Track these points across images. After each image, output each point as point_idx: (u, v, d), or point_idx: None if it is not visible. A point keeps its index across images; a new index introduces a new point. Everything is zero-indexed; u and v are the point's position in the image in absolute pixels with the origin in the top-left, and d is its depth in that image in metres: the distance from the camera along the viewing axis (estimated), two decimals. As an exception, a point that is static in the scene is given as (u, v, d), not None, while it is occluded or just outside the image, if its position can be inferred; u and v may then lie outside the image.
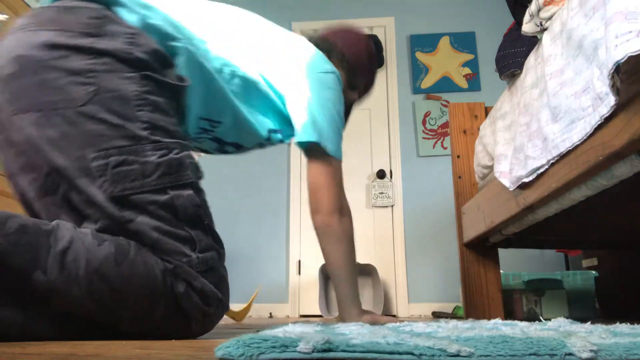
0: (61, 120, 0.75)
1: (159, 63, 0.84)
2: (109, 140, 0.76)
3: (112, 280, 0.71)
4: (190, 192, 0.81)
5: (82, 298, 0.69)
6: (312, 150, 1.10)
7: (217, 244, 0.84)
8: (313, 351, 0.40)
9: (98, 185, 0.75)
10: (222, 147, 1.13)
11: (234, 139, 1.11)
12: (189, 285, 0.77)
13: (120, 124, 0.76)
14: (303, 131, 1.07)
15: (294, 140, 1.10)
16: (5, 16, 1.48)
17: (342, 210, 1.14)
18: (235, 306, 3.57)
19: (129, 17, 0.86)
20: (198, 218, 0.81)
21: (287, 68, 1.10)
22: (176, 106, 0.88)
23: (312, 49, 1.17)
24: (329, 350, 0.41)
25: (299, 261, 3.59)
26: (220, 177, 3.72)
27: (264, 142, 1.15)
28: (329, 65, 1.16)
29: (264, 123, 1.10)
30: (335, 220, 1.11)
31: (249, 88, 1.04)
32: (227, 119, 1.03)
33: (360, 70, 1.29)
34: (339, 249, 1.12)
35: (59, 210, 0.78)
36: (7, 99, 0.78)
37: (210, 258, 0.81)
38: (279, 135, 1.14)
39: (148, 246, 0.76)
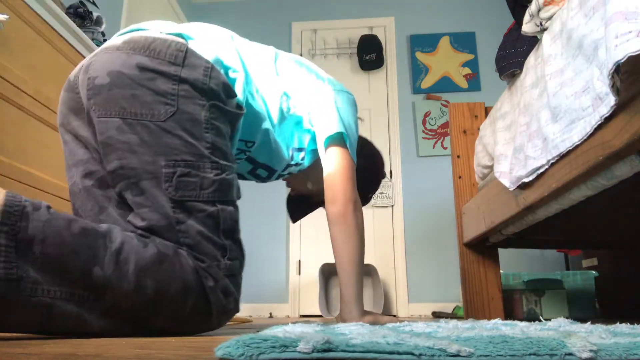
0: (143, 129, 0.89)
1: (225, 94, 0.99)
2: (180, 153, 0.90)
3: (155, 277, 0.82)
4: (232, 208, 0.95)
5: (130, 292, 0.80)
6: (336, 141, 1.18)
7: (241, 255, 0.97)
8: (313, 351, 0.40)
9: (164, 189, 0.88)
10: (255, 169, 1.26)
11: (265, 160, 1.23)
12: (216, 283, 0.89)
13: (190, 141, 0.91)
14: (330, 124, 1.18)
15: (322, 134, 1.19)
16: (6, 16, 1.48)
17: (357, 203, 1.18)
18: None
19: (205, 53, 1.00)
20: (234, 231, 0.95)
21: (311, 83, 1.23)
22: (230, 131, 1.03)
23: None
24: (329, 350, 0.41)
25: (299, 261, 3.59)
26: (220, 177, 3.73)
27: (290, 162, 1.27)
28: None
29: (287, 140, 1.22)
30: (350, 211, 1.16)
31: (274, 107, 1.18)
32: (259, 138, 1.15)
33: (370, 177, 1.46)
34: (351, 242, 1.16)
35: (108, 202, 0.95)
36: (96, 104, 0.92)
37: (234, 266, 0.93)
38: (298, 155, 1.27)
39: (189, 245, 0.88)
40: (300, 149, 1.27)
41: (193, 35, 1.04)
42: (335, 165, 1.18)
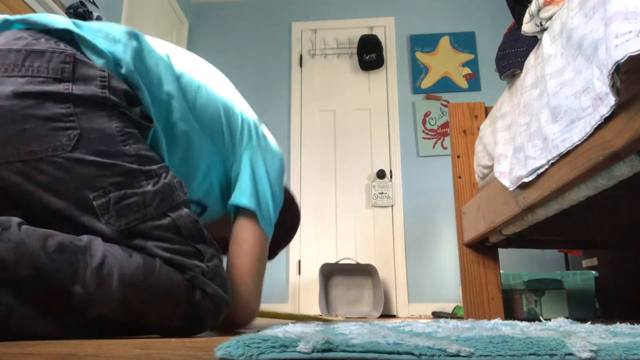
0: (51, 168, 0.75)
1: (127, 102, 0.86)
2: (105, 178, 0.78)
3: (141, 290, 0.76)
4: (186, 210, 0.86)
5: (115, 306, 0.75)
6: (247, 215, 1.06)
7: (217, 251, 0.90)
8: (313, 351, 0.40)
9: (104, 222, 0.78)
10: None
11: (199, 197, 1.09)
12: (204, 293, 0.84)
13: (110, 162, 0.79)
14: (242, 195, 1.05)
15: (232, 200, 1.06)
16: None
17: (256, 304, 1.07)
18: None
19: (98, 60, 0.85)
20: (199, 232, 0.87)
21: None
22: (146, 135, 0.90)
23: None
24: (329, 350, 0.41)
25: (299, 261, 3.59)
26: (220, 177, 3.73)
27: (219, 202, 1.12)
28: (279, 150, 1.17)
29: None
30: (245, 321, 1.06)
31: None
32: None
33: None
34: None
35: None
36: None
37: (216, 265, 0.87)
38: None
39: (166, 263, 0.82)
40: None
41: (87, 32, 0.86)
42: (241, 247, 1.04)
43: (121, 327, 0.79)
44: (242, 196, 1.04)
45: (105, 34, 0.89)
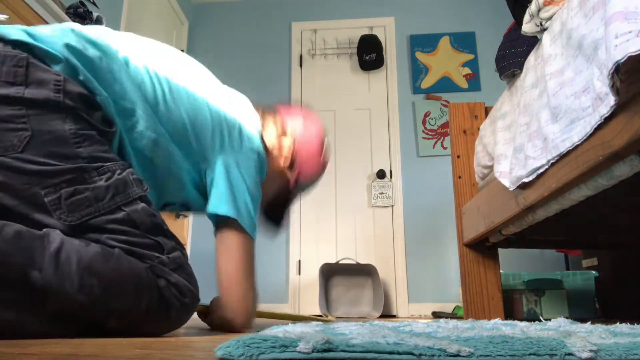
0: (1, 167, 0.77)
1: (85, 106, 0.86)
2: (56, 176, 0.79)
3: (102, 275, 0.77)
4: (142, 204, 0.87)
5: (74, 293, 0.75)
6: (228, 224, 1.05)
7: (179, 245, 0.91)
8: (313, 351, 0.40)
9: (56, 218, 0.79)
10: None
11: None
12: (167, 280, 0.85)
13: (61, 164, 0.80)
14: (220, 203, 1.04)
15: (210, 209, 1.05)
16: (6, 16, 1.48)
17: (250, 305, 1.09)
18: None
19: (55, 66, 0.85)
20: (157, 225, 0.88)
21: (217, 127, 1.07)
22: (109, 140, 0.90)
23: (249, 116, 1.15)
24: (329, 350, 0.41)
25: (299, 261, 3.59)
26: (220, 177, 3.72)
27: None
28: (257, 142, 1.13)
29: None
30: (239, 322, 1.04)
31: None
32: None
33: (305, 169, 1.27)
34: None
35: None
36: None
37: (177, 257, 0.88)
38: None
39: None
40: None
41: (43, 34, 0.86)
42: (227, 254, 1.05)
43: (83, 324, 0.78)
44: (220, 204, 1.04)
45: (62, 43, 0.88)
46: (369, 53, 3.87)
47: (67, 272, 0.74)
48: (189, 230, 3.65)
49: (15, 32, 0.86)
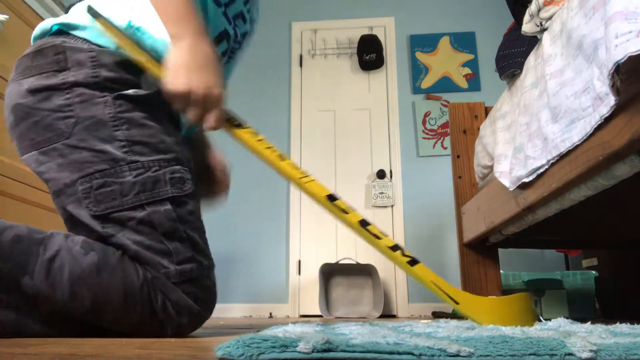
0: (54, 152, 0.85)
1: (130, 72, 0.88)
2: (92, 165, 0.84)
3: (91, 287, 0.78)
4: (167, 207, 0.84)
5: (65, 301, 0.77)
6: None
7: (199, 255, 0.86)
8: (313, 351, 0.40)
9: (85, 206, 0.83)
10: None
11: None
12: (166, 298, 0.82)
13: (100, 148, 0.84)
14: None
15: None
16: (6, 16, 1.48)
17: None
18: (234, 306, 3.56)
19: (87, 35, 0.89)
20: (176, 231, 0.85)
21: None
22: (157, 102, 0.89)
23: None
24: (329, 350, 0.41)
25: (299, 261, 3.59)
26: (220, 177, 3.72)
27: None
28: None
29: None
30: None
31: None
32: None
33: None
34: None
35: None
36: (16, 144, 0.90)
37: (189, 270, 0.83)
38: None
39: (131, 257, 0.82)
40: None
41: (75, 19, 0.90)
42: None
43: (82, 324, 0.81)
44: None
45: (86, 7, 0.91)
46: (369, 53, 3.87)
47: (59, 280, 0.76)
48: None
49: (48, 22, 0.92)
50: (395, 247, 0.92)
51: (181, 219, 0.85)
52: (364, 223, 0.91)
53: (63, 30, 0.91)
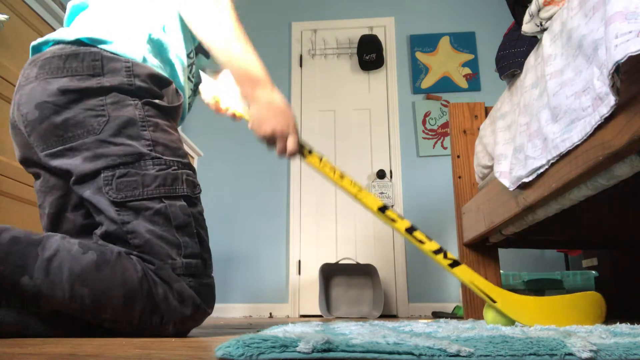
0: (84, 147, 0.90)
1: (157, 85, 0.97)
2: (118, 157, 0.89)
3: (91, 285, 0.79)
4: (183, 203, 0.92)
5: (65, 300, 0.78)
6: None
7: (205, 253, 0.92)
8: (313, 351, 0.40)
9: (105, 192, 0.88)
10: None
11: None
12: (169, 288, 0.84)
13: (128, 143, 0.90)
14: None
15: None
16: (6, 16, 1.48)
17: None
18: (234, 306, 3.56)
19: (125, 48, 0.96)
20: (189, 226, 0.91)
21: None
22: (174, 123, 1.02)
23: None
24: (329, 350, 0.41)
25: (299, 261, 3.59)
26: (220, 177, 3.73)
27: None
28: None
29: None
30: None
31: None
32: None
33: None
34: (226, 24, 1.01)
35: (76, 221, 0.96)
36: (35, 139, 0.93)
37: (194, 265, 0.89)
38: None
39: (138, 246, 0.86)
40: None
41: (108, 36, 0.97)
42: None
43: (83, 323, 0.82)
44: None
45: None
46: (369, 53, 3.87)
47: (59, 280, 0.77)
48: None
49: (76, 32, 0.97)
50: (438, 251, 1.02)
51: (193, 215, 0.92)
52: (410, 230, 1.02)
53: (85, 42, 0.95)
